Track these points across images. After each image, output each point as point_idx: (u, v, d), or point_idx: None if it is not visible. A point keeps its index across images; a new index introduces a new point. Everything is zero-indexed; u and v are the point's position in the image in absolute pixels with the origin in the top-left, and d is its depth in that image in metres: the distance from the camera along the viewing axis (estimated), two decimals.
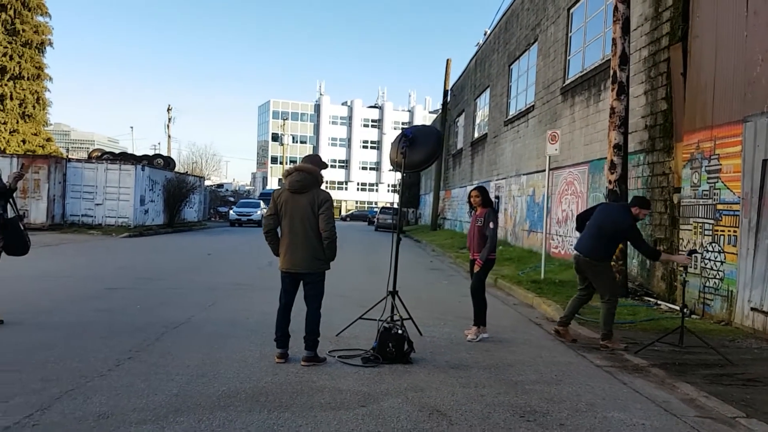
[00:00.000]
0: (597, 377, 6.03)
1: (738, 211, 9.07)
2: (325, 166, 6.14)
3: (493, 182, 26.30)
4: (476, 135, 31.45)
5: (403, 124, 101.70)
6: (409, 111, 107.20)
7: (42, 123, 35.60)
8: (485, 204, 7.64)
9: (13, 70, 33.03)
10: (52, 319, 7.40)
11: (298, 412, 4.44)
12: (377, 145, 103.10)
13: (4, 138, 32.49)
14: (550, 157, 13.42)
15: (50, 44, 35.50)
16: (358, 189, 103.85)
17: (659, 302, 10.81)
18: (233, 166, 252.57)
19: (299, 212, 5.85)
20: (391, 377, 5.54)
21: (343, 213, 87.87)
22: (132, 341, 6.36)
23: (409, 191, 55.79)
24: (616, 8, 11.59)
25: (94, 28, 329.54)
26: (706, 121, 10.04)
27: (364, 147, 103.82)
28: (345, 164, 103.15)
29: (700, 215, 10.09)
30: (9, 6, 33.16)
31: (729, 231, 9.30)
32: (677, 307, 10.19)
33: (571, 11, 17.80)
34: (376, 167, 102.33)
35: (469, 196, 7.87)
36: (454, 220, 35.90)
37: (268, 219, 6.02)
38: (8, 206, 6.96)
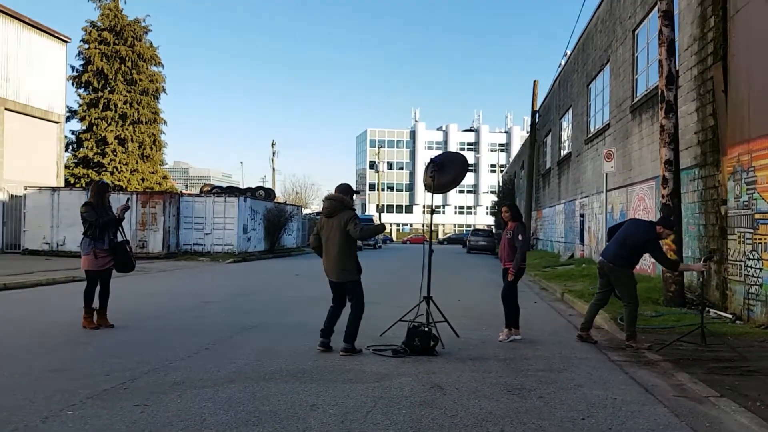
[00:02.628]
0: (603, 368, 6.84)
1: None
2: (352, 192, 7.52)
3: (577, 200, 26.64)
4: (562, 154, 31.82)
5: (500, 145, 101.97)
6: (506, 132, 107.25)
7: (158, 162, 39.41)
8: (515, 218, 8.62)
9: (133, 116, 36.97)
10: (153, 324, 9.08)
11: (323, 383, 5.67)
12: (474, 168, 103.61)
13: (125, 177, 36.30)
14: (607, 174, 14.02)
15: (164, 91, 39.45)
16: (455, 212, 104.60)
17: (710, 310, 11.21)
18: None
19: (330, 232, 7.30)
20: (411, 364, 6.65)
21: (440, 237, 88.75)
22: (211, 338, 7.86)
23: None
24: (660, 31, 12.25)
25: (204, 74, 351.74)
26: (744, 135, 10.51)
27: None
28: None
29: (742, 225, 10.52)
30: (127, 58, 37.24)
31: (765, 239, 9.71)
32: (728, 315, 10.61)
33: (635, 32, 18.30)
34: (474, 190, 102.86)
35: (501, 212, 8.88)
36: (546, 240, 36.15)
37: (313, 238, 7.57)
38: (118, 233, 8.73)
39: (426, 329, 7.30)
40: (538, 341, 8.46)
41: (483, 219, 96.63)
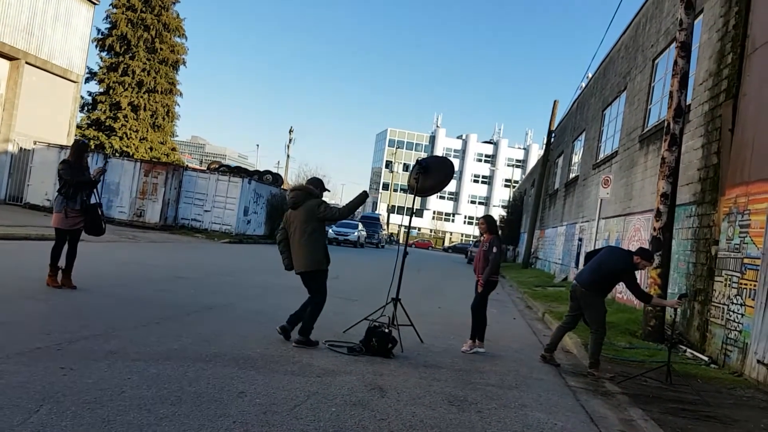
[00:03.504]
0: (555, 392, 6.69)
1: (759, 266, 9.31)
2: (323, 188, 7.42)
3: (578, 224, 26.42)
4: (570, 176, 31.60)
5: (517, 161, 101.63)
6: (524, 149, 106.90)
7: (169, 134, 39.47)
8: (491, 231, 8.49)
9: (149, 84, 37.03)
10: (116, 291, 9.01)
11: (263, 372, 5.56)
12: (488, 180, 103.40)
13: (134, 144, 36.38)
14: (602, 201, 13.84)
15: (184, 63, 39.49)
16: (465, 222, 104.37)
17: (687, 350, 11.02)
18: (348, 189, 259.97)
19: (296, 223, 7.15)
20: (362, 364, 6.53)
21: (446, 244, 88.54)
22: (167, 313, 7.77)
23: (509, 228, 55.89)
24: (675, 62, 12.05)
25: (229, 53, 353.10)
26: (744, 177, 10.31)
27: (475, 181, 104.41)
28: (454, 197, 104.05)
29: (730, 267, 10.32)
30: (152, 27, 37.32)
31: (751, 285, 9.51)
32: (703, 357, 10.42)
33: (655, 62, 18.08)
34: (485, 202, 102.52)
35: (478, 224, 8.76)
36: (545, 260, 35.92)
37: (280, 233, 7.37)
38: (93, 195, 8.67)
39: (386, 331, 7.18)
40: (500, 356, 8.32)
41: None
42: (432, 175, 8.17)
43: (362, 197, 7.38)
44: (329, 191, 7.68)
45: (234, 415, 4.28)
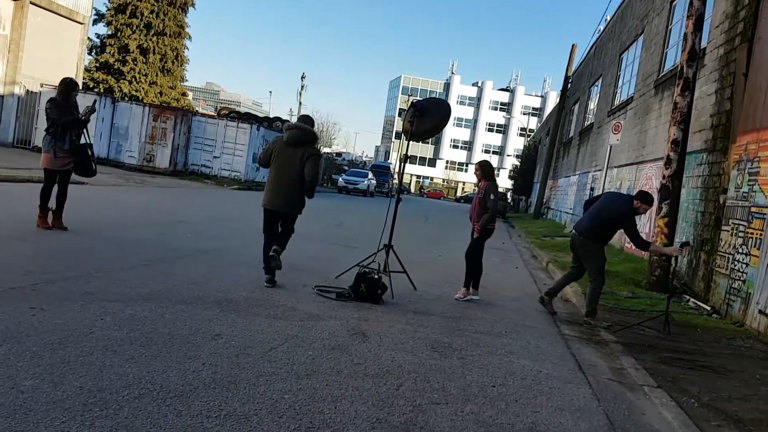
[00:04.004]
0: (546, 340, 6.57)
1: (766, 215, 9.04)
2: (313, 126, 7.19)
3: (591, 173, 26.02)
4: (585, 124, 31.00)
5: (534, 109, 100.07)
6: (541, 96, 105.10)
7: (179, 78, 39.00)
8: (486, 178, 8.24)
9: (158, 26, 36.42)
10: (109, 233, 8.94)
11: (244, 315, 5.47)
12: (503, 129, 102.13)
13: (143, 88, 36.04)
14: (611, 147, 13.50)
15: (192, 5, 38.69)
16: None
17: (691, 300, 10.86)
18: (362, 138, 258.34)
19: (288, 162, 6.89)
20: (349, 309, 6.43)
21: (458, 194, 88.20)
22: (159, 255, 7.70)
23: (522, 178, 55.37)
24: (691, 3, 11.53)
25: None
26: (756, 123, 9.93)
27: (490, 130, 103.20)
28: (468, 146, 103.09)
29: (737, 216, 10.05)
30: None
31: (757, 234, 9.26)
32: (706, 307, 10.25)
33: (673, 4, 17.39)
34: (500, 151, 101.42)
35: (474, 170, 8.52)
36: (556, 210, 35.60)
37: (262, 155, 7.17)
38: (82, 135, 8.50)
39: (376, 277, 7.05)
40: (495, 304, 8.20)
41: (504, 182, 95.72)
42: (428, 117, 7.90)
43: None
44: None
45: (204, 357, 4.19)
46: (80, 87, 8.52)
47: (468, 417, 3.91)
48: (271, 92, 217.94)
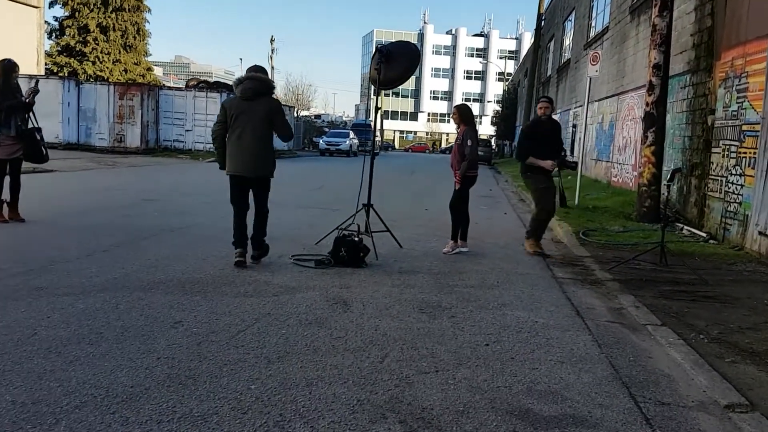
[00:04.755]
0: (539, 286, 6.18)
1: (759, 131, 8.62)
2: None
3: (572, 110, 25.54)
4: (562, 61, 30.35)
5: (510, 52, 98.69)
6: (516, 39, 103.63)
7: (142, 53, 37.79)
8: (465, 122, 7.74)
9: (115, 2, 35.09)
10: (69, 220, 8.41)
11: (211, 296, 5.01)
12: (482, 76, 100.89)
13: (107, 67, 34.91)
14: (591, 79, 12.99)
15: None
16: None
17: (685, 228, 10.52)
18: (341, 98, 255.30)
19: (250, 118, 6.08)
20: (329, 277, 5.99)
21: (443, 146, 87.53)
22: (121, 238, 7.20)
23: (504, 123, 54.71)
24: None
25: None
26: (740, 37, 9.45)
27: (468, 78, 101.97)
28: (447, 96, 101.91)
29: (728, 137, 9.65)
30: None
31: (751, 153, 8.87)
32: (701, 233, 9.92)
33: None
34: (480, 98, 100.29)
35: (451, 114, 8.03)
36: None
37: (216, 127, 6.33)
38: (28, 120, 7.89)
39: (356, 239, 6.61)
40: (484, 254, 7.80)
41: (488, 129, 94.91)
42: (395, 63, 7.33)
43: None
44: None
45: (160, 350, 3.74)
46: (19, 68, 7.74)
47: (460, 384, 3.52)
48: (241, 59, 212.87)
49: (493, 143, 56.15)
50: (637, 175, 12.46)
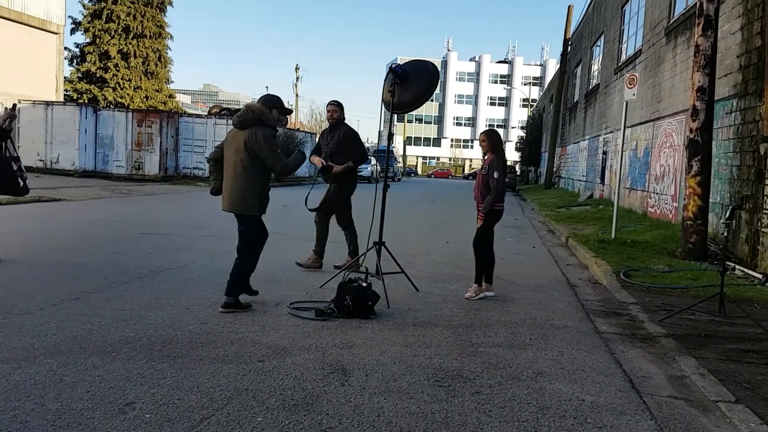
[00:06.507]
0: (582, 345, 5.21)
1: None
2: (281, 109, 5.81)
3: (601, 136, 24.52)
4: (590, 86, 29.39)
5: (534, 79, 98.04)
6: (541, 65, 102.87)
7: (164, 80, 37.60)
8: (493, 149, 6.82)
9: (136, 29, 34.98)
10: (49, 258, 7.57)
11: (181, 362, 4.11)
12: (505, 102, 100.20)
13: (128, 94, 34.68)
14: (627, 103, 12.03)
15: (170, 3, 37.20)
16: None
17: (736, 267, 9.44)
18: (365, 125, 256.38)
19: (233, 148, 5.58)
20: (329, 332, 5.07)
21: (466, 171, 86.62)
22: (100, 282, 6.34)
23: (529, 148, 53.65)
24: None
25: None
26: None
27: (492, 104, 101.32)
28: (471, 122, 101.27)
29: None
30: None
31: None
32: (756, 274, 8.84)
33: None
34: (504, 124, 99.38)
35: (479, 141, 7.12)
36: (568, 178, 34.09)
37: (213, 151, 5.94)
38: (4, 147, 7.14)
39: (363, 285, 5.70)
40: (513, 299, 6.82)
41: (511, 155, 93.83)
42: (411, 84, 6.47)
43: (300, 158, 5.95)
44: (290, 112, 6.06)
45: None
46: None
47: None
48: (267, 87, 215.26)
49: (517, 169, 55.04)
50: (682, 207, 11.38)
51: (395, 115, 6.89)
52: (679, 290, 7.76)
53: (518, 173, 53.12)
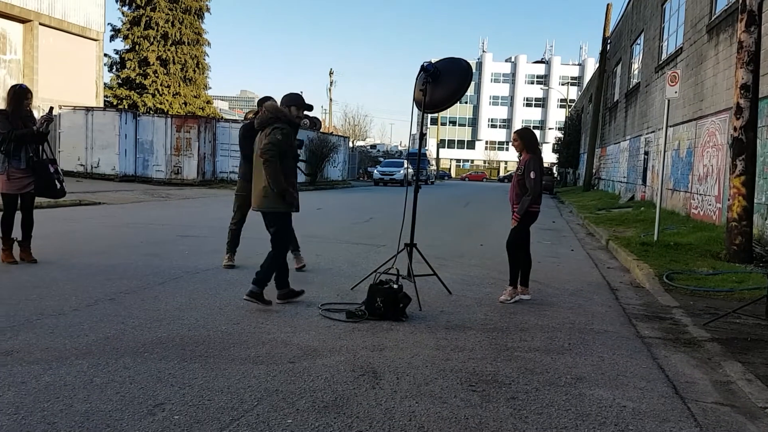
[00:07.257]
0: (623, 349, 5.03)
1: None
2: (302, 105, 5.79)
3: (643, 136, 24.01)
4: (630, 85, 28.83)
5: (572, 78, 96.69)
6: (579, 65, 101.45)
7: (202, 86, 38.14)
8: (528, 149, 6.66)
9: (174, 35, 35.56)
10: (86, 261, 7.63)
11: (212, 363, 4.08)
12: (542, 103, 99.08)
13: (167, 100, 35.27)
14: (670, 102, 11.72)
15: (207, 10, 37.76)
16: None
17: None
18: (398, 128, 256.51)
19: (258, 149, 5.65)
20: (360, 334, 4.99)
21: (501, 174, 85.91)
22: (136, 283, 6.38)
23: (567, 150, 52.90)
24: None
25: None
26: None
27: (528, 105, 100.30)
28: (506, 123, 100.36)
29: None
30: None
31: None
32: None
33: None
34: (540, 126, 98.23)
35: (512, 141, 6.96)
36: (608, 179, 33.48)
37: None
38: (42, 150, 7.21)
39: (394, 287, 5.61)
40: (550, 303, 6.66)
41: (548, 157, 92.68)
42: (443, 82, 6.37)
43: (281, 189, 5.57)
44: (310, 108, 6.02)
45: None
46: (32, 95, 7.11)
47: None
48: (302, 92, 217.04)
49: (555, 171, 54.32)
50: (726, 208, 11.03)
51: (428, 116, 6.78)
52: (724, 293, 7.50)
53: (555, 175, 52.43)
